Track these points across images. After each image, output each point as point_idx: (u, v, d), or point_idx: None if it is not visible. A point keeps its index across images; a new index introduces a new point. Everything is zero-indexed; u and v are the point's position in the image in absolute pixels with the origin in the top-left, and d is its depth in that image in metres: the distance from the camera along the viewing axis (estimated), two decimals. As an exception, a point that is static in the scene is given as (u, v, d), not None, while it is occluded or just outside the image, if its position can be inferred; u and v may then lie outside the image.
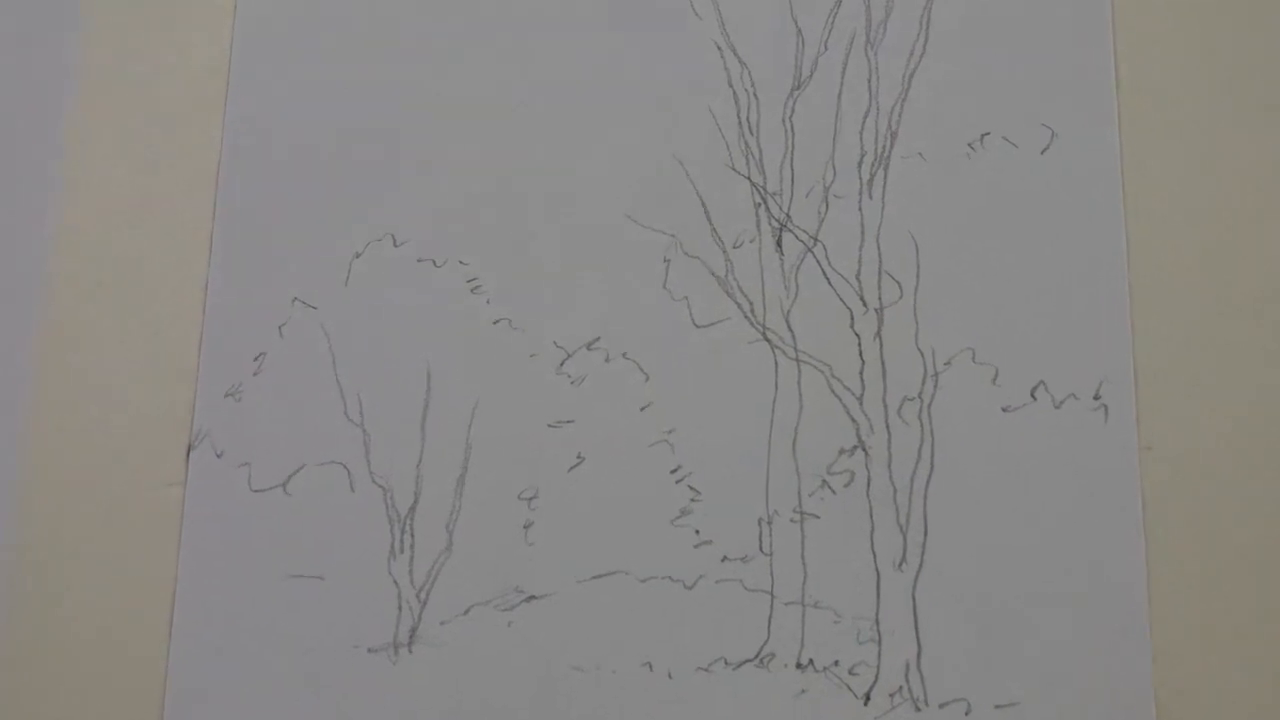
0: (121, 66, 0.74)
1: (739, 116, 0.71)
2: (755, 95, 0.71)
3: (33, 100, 0.74)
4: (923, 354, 0.67)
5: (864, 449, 0.66)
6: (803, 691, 0.64)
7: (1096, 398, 0.65)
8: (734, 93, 0.71)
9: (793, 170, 0.70)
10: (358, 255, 0.71)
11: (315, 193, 0.72)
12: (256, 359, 0.70)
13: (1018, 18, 0.70)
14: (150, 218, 0.72)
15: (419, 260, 0.71)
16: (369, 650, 0.66)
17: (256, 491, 0.68)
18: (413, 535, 0.67)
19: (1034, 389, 0.66)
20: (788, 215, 0.69)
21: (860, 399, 0.67)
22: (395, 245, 0.71)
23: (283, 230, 0.72)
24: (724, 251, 0.69)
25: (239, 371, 0.70)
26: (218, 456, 0.69)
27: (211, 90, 0.73)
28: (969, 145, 0.69)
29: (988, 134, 0.69)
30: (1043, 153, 0.68)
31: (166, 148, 0.73)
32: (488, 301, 0.70)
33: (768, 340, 0.68)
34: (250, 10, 0.74)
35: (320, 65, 0.73)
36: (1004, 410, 0.66)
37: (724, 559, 0.65)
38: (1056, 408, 0.65)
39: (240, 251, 0.71)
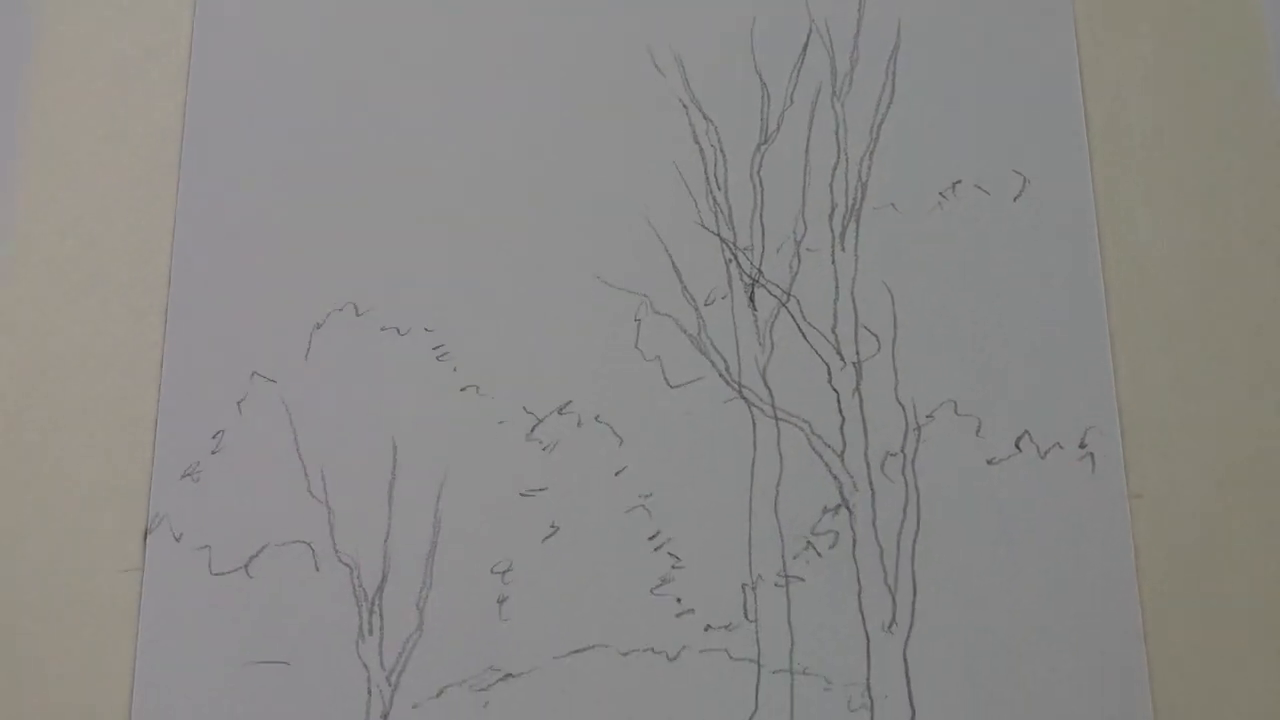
0: (71, 137, 0.72)
1: (706, 173, 0.69)
2: (722, 151, 0.69)
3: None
4: (904, 407, 0.65)
5: (848, 507, 0.64)
6: (795, 764, 0.61)
7: (1082, 446, 0.63)
8: (700, 149, 0.70)
9: (763, 225, 0.68)
10: (318, 326, 0.69)
11: (272, 263, 0.70)
12: (215, 436, 0.67)
13: (983, 65, 0.69)
14: (102, 293, 0.70)
15: (382, 329, 0.68)
16: (339, 738, 0.63)
17: (217, 575, 0.65)
18: (381, 616, 0.64)
19: (1018, 439, 0.64)
20: (759, 270, 0.68)
21: (842, 456, 0.65)
22: (357, 314, 0.69)
23: (240, 303, 0.69)
24: (696, 310, 0.67)
25: (197, 450, 0.67)
26: (176, 540, 0.66)
27: (164, 160, 0.71)
28: (940, 194, 0.67)
29: (959, 182, 0.68)
30: (1015, 199, 0.67)
31: (118, 220, 0.71)
32: (454, 369, 0.67)
33: (744, 399, 0.66)
34: (203, 78, 0.73)
35: (275, 131, 0.72)
36: (989, 463, 0.64)
37: (707, 628, 0.63)
38: (1042, 458, 0.64)
39: (196, 325, 0.69)
